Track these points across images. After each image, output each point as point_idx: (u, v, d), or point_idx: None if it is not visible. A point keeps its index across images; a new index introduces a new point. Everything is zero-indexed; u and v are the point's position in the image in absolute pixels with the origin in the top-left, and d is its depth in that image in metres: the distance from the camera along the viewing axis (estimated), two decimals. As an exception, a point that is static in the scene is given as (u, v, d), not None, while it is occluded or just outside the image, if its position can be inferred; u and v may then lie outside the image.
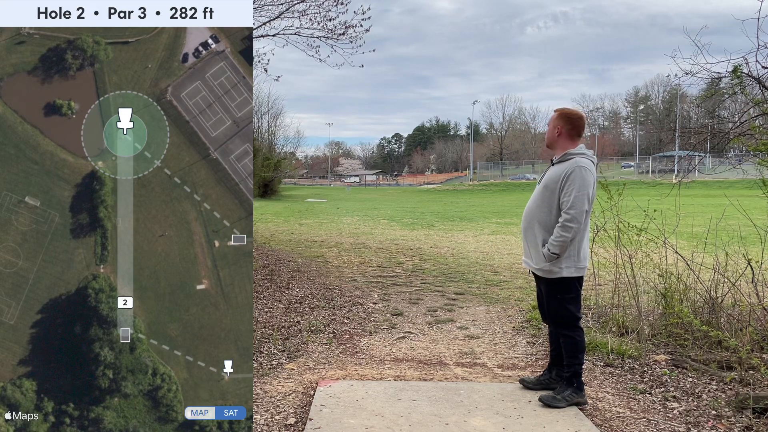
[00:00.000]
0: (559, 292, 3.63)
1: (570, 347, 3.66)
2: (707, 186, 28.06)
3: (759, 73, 5.35)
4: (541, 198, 3.64)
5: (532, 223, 3.66)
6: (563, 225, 3.48)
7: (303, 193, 51.60)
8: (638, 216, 5.46)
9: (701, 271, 5.13)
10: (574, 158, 3.58)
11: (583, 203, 3.46)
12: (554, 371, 3.88)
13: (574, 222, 3.45)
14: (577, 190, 3.46)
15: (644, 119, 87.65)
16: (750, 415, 3.44)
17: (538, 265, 3.64)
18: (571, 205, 3.46)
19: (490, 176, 71.23)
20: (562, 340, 3.70)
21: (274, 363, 4.46)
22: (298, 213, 24.71)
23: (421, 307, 6.58)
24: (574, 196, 3.46)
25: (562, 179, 3.53)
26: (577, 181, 3.48)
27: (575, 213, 3.45)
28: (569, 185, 3.49)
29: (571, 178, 3.49)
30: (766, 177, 4.66)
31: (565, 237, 3.47)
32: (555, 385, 3.80)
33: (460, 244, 12.84)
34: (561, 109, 3.75)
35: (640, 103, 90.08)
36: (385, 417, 3.41)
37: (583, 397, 3.66)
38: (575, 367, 3.65)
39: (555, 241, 3.50)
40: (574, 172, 3.49)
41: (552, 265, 3.56)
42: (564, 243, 3.48)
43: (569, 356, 3.67)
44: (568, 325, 3.65)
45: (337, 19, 10.95)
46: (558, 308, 3.65)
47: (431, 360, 4.66)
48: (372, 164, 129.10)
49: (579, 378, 3.67)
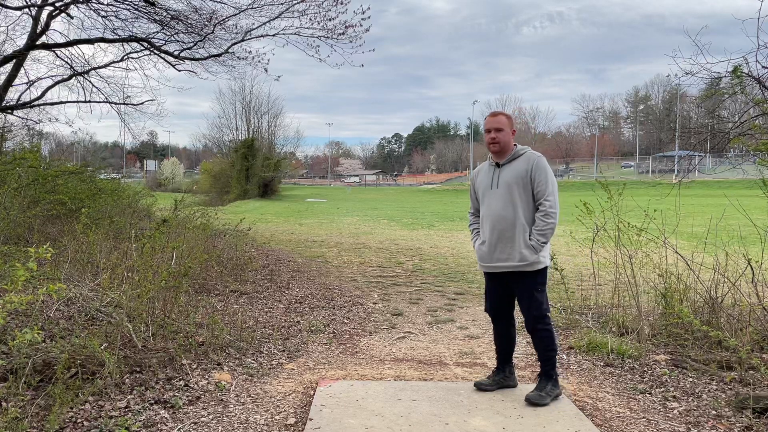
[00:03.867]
0: (540, 284, 3.68)
1: (548, 340, 3.69)
2: (707, 186, 28.06)
3: (759, 73, 5.36)
4: (513, 197, 3.64)
5: (514, 224, 3.63)
6: (547, 213, 3.57)
7: (303, 193, 51.60)
8: (638, 216, 5.46)
9: (701, 271, 5.12)
10: (527, 152, 3.74)
11: (556, 189, 3.64)
12: (507, 368, 3.91)
13: (555, 207, 3.59)
14: (551, 178, 3.64)
15: (644, 119, 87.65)
16: (750, 415, 3.44)
17: (525, 261, 3.62)
18: (549, 192, 3.60)
19: (490, 176, 70.94)
20: (539, 335, 3.71)
21: (274, 363, 4.46)
22: (298, 213, 24.70)
23: (421, 307, 6.58)
24: (549, 183, 3.61)
25: (530, 172, 3.63)
26: (547, 170, 3.65)
27: (554, 199, 3.60)
28: (540, 175, 3.62)
29: (539, 168, 3.63)
30: (766, 177, 4.66)
31: (551, 223, 3.58)
32: (510, 382, 3.88)
33: (460, 244, 12.84)
34: (503, 112, 3.89)
35: (640, 103, 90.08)
36: (385, 417, 3.40)
37: (559, 388, 3.73)
38: (554, 359, 3.71)
39: (543, 229, 3.58)
40: (539, 162, 3.65)
41: (538, 256, 3.62)
42: (552, 229, 3.58)
43: (549, 349, 3.69)
44: (544, 317, 3.69)
45: (337, 18, 10.97)
46: (541, 299, 3.68)
47: (431, 360, 4.66)
48: (372, 164, 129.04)
49: (555, 369, 3.73)
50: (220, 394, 3.74)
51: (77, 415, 3.20)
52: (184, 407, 3.48)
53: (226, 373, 4.08)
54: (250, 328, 5.16)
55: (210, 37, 11.59)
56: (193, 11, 11.01)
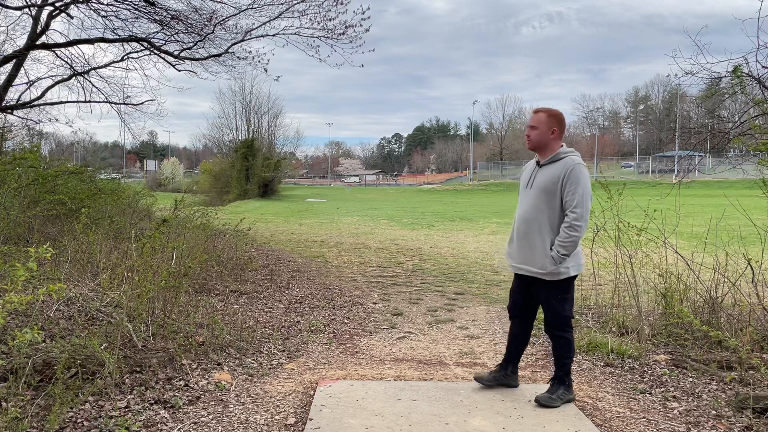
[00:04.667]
0: (560, 293, 3.60)
1: (564, 347, 3.67)
2: (707, 186, 28.06)
3: (759, 73, 5.36)
4: (540, 201, 3.57)
5: (535, 228, 3.57)
6: (571, 225, 3.44)
7: (303, 193, 51.58)
8: (638, 216, 5.46)
9: (701, 271, 5.12)
10: (567, 157, 3.57)
11: (587, 201, 3.46)
12: (510, 368, 3.89)
13: (582, 220, 3.43)
14: (582, 189, 3.45)
15: (644, 119, 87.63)
16: (750, 415, 3.44)
17: (544, 270, 3.54)
18: (577, 203, 3.43)
19: (490, 176, 71.19)
20: (556, 341, 3.69)
21: (274, 363, 4.46)
22: (298, 213, 24.70)
23: (421, 307, 6.58)
24: (579, 194, 3.44)
25: (562, 179, 3.49)
26: (580, 180, 3.46)
27: (582, 212, 3.43)
28: (571, 184, 3.46)
29: (572, 176, 3.46)
30: (766, 177, 4.66)
31: (575, 237, 3.44)
32: (510, 381, 3.86)
33: (460, 244, 12.84)
34: (546, 110, 3.69)
35: (640, 103, 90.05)
36: (385, 417, 3.40)
37: (572, 394, 3.71)
38: (567, 366, 3.69)
39: (565, 242, 3.45)
40: (574, 170, 3.47)
41: (559, 267, 3.52)
42: (575, 243, 3.46)
43: (563, 356, 3.68)
44: (563, 325, 3.64)
45: (337, 19, 10.97)
46: (559, 309, 3.62)
47: (431, 360, 4.66)
48: (372, 164, 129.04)
49: (570, 376, 3.72)
50: (220, 394, 3.74)
51: (77, 415, 3.20)
52: (184, 407, 3.48)
53: (226, 373, 4.08)
54: (250, 328, 5.16)
55: (210, 37, 11.60)
56: (193, 11, 11.02)
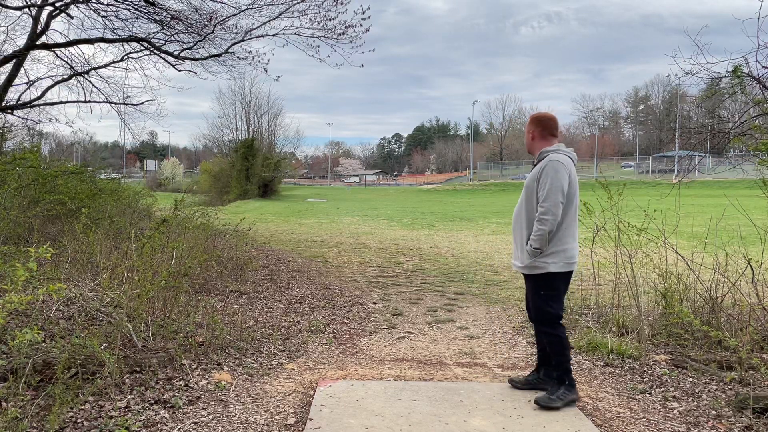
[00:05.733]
0: (542, 288, 3.68)
1: (555, 345, 3.70)
2: (707, 186, 28.05)
3: (759, 73, 5.36)
4: (524, 198, 3.77)
5: (519, 225, 3.79)
6: (539, 218, 3.58)
7: (303, 193, 51.59)
8: (638, 216, 5.46)
9: (701, 271, 5.12)
10: (548, 154, 3.72)
11: (556, 195, 3.54)
12: (542, 371, 3.90)
13: (548, 214, 3.53)
14: (551, 182, 3.56)
15: (644, 119, 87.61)
16: (750, 415, 3.44)
17: (523, 263, 3.72)
18: (545, 197, 3.56)
19: (490, 176, 71.18)
20: (545, 338, 3.75)
21: (274, 363, 4.46)
22: (298, 213, 24.70)
23: (421, 307, 6.58)
24: (547, 188, 3.56)
25: (538, 175, 3.65)
26: (550, 174, 3.58)
27: (549, 205, 3.54)
28: (543, 179, 3.60)
29: (544, 172, 3.61)
30: (766, 177, 4.66)
31: (542, 230, 3.55)
32: (544, 385, 3.80)
33: (460, 244, 12.84)
34: (532, 114, 3.97)
35: (640, 103, 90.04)
36: (385, 417, 3.40)
37: (576, 394, 3.69)
38: (564, 364, 3.69)
39: (534, 235, 3.59)
40: (548, 166, 3.61)
41: (536, 261, 3.62)
42: (542, 236, 3.56)
43: (557, 354, 3.70)
44: (550, 322, 3.69)
45: (337, 18, 10.97)
46: (541, 305, 3.69)
47: (431, 360, 4.66)
48: (372, 164, 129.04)
49: (569, 375, 3.70)
50: (220, 394, 3.74)
51: (77, 415, 3.20)
52: (184, 407, 3.48)
53: (226, 373, 4.08)
54: (250, 328, 5.16)
55: (210, 37, 11.59)
56: (193, 11, 11.01)
